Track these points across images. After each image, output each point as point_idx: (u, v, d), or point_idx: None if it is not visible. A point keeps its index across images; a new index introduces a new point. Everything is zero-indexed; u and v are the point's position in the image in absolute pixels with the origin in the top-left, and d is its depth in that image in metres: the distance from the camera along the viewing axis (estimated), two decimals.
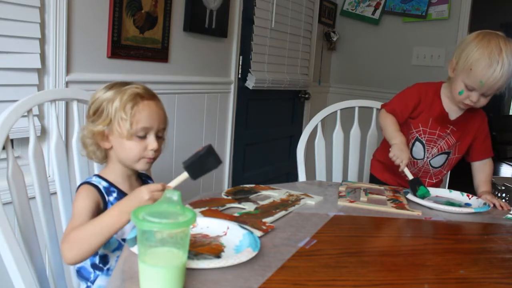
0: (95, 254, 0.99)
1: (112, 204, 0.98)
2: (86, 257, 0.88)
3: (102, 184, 0.99)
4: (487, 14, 6.41)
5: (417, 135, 1.47)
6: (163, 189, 0.85)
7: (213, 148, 0.86)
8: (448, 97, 1.43)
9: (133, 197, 0.85)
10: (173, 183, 0.86)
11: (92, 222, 0.88)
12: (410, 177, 1.32)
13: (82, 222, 0.90)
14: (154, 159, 1.01)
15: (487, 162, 1.48)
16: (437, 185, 1.55)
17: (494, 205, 1.28)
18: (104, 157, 1.03)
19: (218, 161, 0.86)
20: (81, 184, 0.99)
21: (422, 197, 1.27)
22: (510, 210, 1.27)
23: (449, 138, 1.46)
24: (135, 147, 0.97)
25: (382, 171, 1.60)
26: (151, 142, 0.98)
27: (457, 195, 1.35)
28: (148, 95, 0.99)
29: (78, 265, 1.01)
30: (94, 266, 1.00)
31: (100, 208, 0.97)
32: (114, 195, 1.00)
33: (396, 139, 1.36)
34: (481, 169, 1.47)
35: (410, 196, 1.28)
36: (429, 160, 1.49)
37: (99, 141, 0.98)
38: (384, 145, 1.48)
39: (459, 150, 1.49)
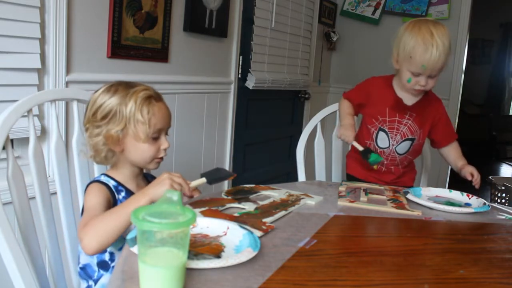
0: (103, 251, 0.99)
1: (121, 202, 0.99)
2: (108, 244, 0.87)
3: (111, 183, 1.00)
4: (487, 14, 6.42)
5: (380, 126, 1.53)
6: (183, 183, 0.91)
7: (223, 168, 1.06)
8: (399, 87, 1.51)
9: (156, 182, 0.89)
10: (192, 183, 0.94)
11: (113, 209, 0.89)
12: (360, 148, 1.42)
13: (97, 215, 0.90)
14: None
15: (453, 144, 1.57)
16: (410, 173, 1.62)
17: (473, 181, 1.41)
18: (114, 160, 1.04)
19: (230, 173, 1.03)
20: (90, 183, 1.00)
21: (375, 162, 1.38)
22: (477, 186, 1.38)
23: (410, 124, 1.51)
24: (150, 149, 1.00)
25: (358, 169, 1.63)
26: (164, 142, 1.02)
27: (457, 195, 1.35)
28: (158, 96, 1.02)
29: (84, 263, 1.01)
30: (100, 264, 1.00)
31: (110, 206, 0.98)
32: (123, 194, 1.01)
33: (344, 120, 1.52)
34: (450, 151, 1.57)
35: (410, 196, 1.28)
36: (395, 148, 1.53)
37: (111, 146, 0.98)
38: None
39: (422, 136, 1.55)
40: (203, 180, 0.96)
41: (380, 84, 1.55)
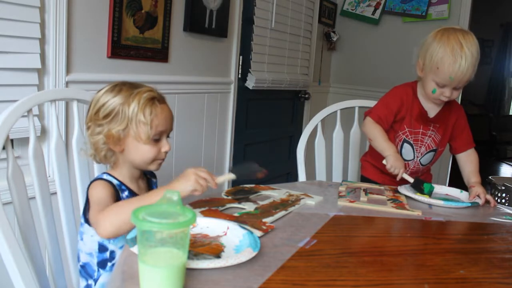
0: (104, 250, 0.99)
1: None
2: (124, 232, 0.87)
3: (114, 181, 1.00)
4: (487, 14, 6.42)
5: (404, 136, 1.49)
6: (209, 178, 0.90)
7: (254, 162, 1.02)
8: (423, 95, 1.47)
9: (180, 177, 0.90)
10: (219, 179, 0.93)
11: (132, 198, 0.91)
12: (411, 180, 1.35)
13: (114, 204, 0.91)
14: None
15: (471, 153, 1.50)
16: (427, 177, 1.59)
17: (487, 201, 1.31)
18: (113, 160, 1.04)
19: (261, 169, 1.00)
20: (93, 181, 1.00)
21: (430, 192, 1.32)
22: (495, 206, 1.30)
23: (435, 136, 1.49)
24: (150, 150, 0.99)
25: (376, 173, 1.60)
26: (164, 144, 1.02)
27: (465, 196, 1.36)
28: (161, 98, 1.02)
29: (84, 261, 1.01)
30: (100, 264, 1.00)
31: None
32: (126, 193, 1.01)
33: (389, 150, 1.39)
34: (467, 160, 1.49)
35: (401, 189, 1.31)
36: (419, 160, 1.51)
37: (111, 145, 0.99)
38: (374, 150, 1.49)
39: (441, 144, 1.52)
40: (231, 175, 0.95)
41: (409, 94, 1.47)
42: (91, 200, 0.95)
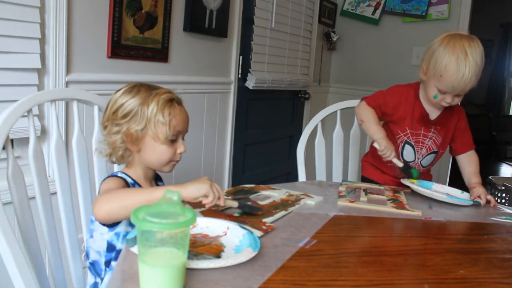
0: (112, 250, 0.99)
1: None
2: (118, 217, 0.88)
3: (129, 180, 1.02)
4: (487, 14, 6.42)
5: (405, 138, 1.49)
6: (221, 193, 0.91)
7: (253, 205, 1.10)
8: (424, 98, 1.46)
9: (196, 181, 0.89)
10: (227, 201, 0.97)
11: (138, 188, 0.92)
12: (400, 165, 1.39)
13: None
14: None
15: (472, 154, 1.51)
16: (427, 178, 1.59)
17: (488, 202, 1.32)
18: (130, 159, 1.05)
19: (259, 208, 1.06)
20: (107, 177, 1.00)
21: (417, 176, 1.39)
22: (496, 206, 1.31)
23: (436, 138, 1.48)
24: (167, 151, 1.01)
25: (377, 174, 1.60)
26: (180, 145, 1.03)
27: (466, 196, 1.36)
28: (179, 100, 1.05)
29: (93, 259, 1.02)
30: (107, 263, 1.01)
31: None
32: None
33: (380, 133, 1.41)
34: (468, 161, 1.50)
35: (404, 181, 1.35)
36: (420, 161, 1.51)
37: (129, 144, 1.00)
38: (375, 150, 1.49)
39: (442, 146, 1.52)
40: (236, 203, 1.00)
41: (410, 94, 1.47)
42: (101, 190, 0.96)
